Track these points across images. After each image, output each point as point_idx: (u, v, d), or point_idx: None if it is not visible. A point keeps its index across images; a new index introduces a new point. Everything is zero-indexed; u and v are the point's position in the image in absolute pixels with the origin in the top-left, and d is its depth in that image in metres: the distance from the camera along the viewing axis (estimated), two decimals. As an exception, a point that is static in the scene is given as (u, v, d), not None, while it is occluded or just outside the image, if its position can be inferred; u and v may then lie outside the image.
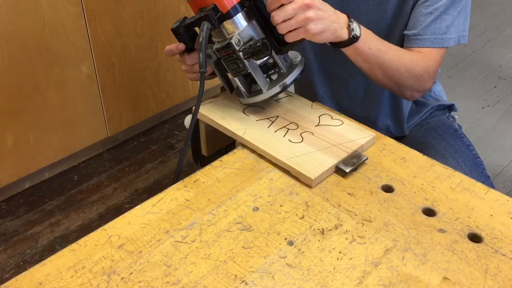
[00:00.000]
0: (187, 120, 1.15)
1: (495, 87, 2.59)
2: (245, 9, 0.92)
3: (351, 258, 0.74)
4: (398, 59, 1.00)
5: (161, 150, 2.17)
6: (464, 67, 2.72)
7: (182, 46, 0.99)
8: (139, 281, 0.71)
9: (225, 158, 0.93)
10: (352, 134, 0.95)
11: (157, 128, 2.29)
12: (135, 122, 2.16)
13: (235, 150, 0.95)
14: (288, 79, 0.97)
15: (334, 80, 1.22)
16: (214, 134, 1.02)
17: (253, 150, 0.94)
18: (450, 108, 1.28)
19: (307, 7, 0.85)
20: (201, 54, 0.89)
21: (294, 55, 1.03)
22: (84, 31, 1.81)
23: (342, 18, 0.92)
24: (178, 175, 0.90)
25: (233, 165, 0.91)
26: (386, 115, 1.23)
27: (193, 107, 1.04)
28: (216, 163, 0.92)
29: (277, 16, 0.86)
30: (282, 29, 0.88)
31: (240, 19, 0.92)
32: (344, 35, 0.92)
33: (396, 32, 1.10)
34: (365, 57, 0.97)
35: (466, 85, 2.60)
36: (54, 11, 1.71)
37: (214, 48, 0.94)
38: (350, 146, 0.92)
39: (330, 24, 0.89)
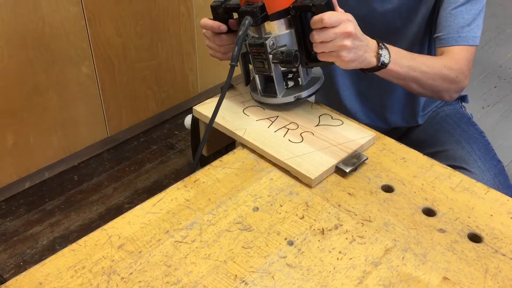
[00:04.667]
0: (187, 120, 1.15)
1: (495, 87, 2.59)
2: (288, 16, 0.93)
3: (351, 258, 0.74)
4: (431, 69, 1.01)
5: (161, 150, 2.17)
6: (464, 67, 2.72)
7: (224, 27, 1.00)
8: (139, 281, 0.71)
9: (225, 158, 0.93)
10: (352, 134, 0.95)
11: (157, 128, 2.29)
12: (135, 122, 2.16)
13: (235, 150, 0.95)
14: (304, 93, 0.99)
15: (354, 70, 1.23)
16: (214, 134, 1.02)
17: (253, 150, 0.94)
18: (463, 99, 1.33)
19: (348, 35, 0.86)
20: (236, 47, 0.90)
21: (316, 69, 1.05)
22: (84, 31, 1.81)
23: (373, 45, 0.93)
24: (196, 166, 0.91)
25: (233, 165, 0.91)
26: (401, 104, 1.25)
27: (193, 107, 1.04)
28: (216, 163, 0.92)
29: (317, 36, 0.87)
30: (317, 48, 0.89)
31: (281, 24, 0.93)
32: (373, 63, 0.93)
33: (418, 18, 1.11)
34: (398, 76, 0.98)
35: (466, 85, 2.60)
36: (54, 11, 1.71)
37: (247, 41, 0.95)
38: (350, 146, 0.92)
39: (362, 54, 0.90)
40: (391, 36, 0.96)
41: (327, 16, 0.85)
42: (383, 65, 0.94)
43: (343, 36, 0.86)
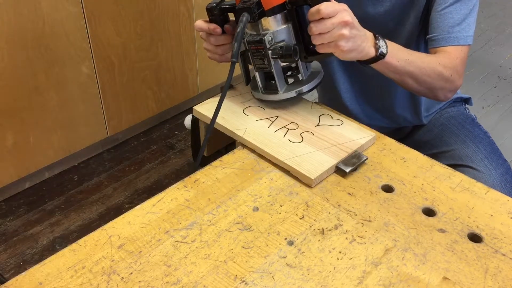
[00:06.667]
0: (187, 120, 1.16)
1: (495, 87, 2.59)
2: (285, 11, 0.93)
3: (351, 258, 0.74)
4: (427, 65, 1.01)
5: (161, 150, 2.17)
6: (464, 67, 2.72)
7: (219, 30, 1.00)
8: (139, 281, 0.71)
9: (225, 158, 0.93)
10: (352, 134, 0.95)
11: (157, 128, 2.29)
12: (135, 122, 2.16)
13: (235, 150, 0.95)
14: (305, 88, 0.99)
15: (354, 71, 1.23)
16: (214, 134, 1.02)
17: (253, 150, 0.94)
18: (466, 101, 1.33)
19: (345, 24, 0.87)
20: (235, 44, 0.90)
21: (315, 64, 1.05)
22: (84, 31, 1.81)
23: (370, 36, 0.94)
24: (199, 160, 0.92)
25: (233, 165, 0.91)
26: (403, 104, 1.26)
27: (193, 107, 1.04)
28: (216, 163, 0.92)
29: (315, 28, 0.88)
30: (315, 40, 0.89)
31: (278, 20, 0.93)
32: (371, 54, 0.93)
33: (410, 20, 1.11)
34: (394, 69, 0.99)
35: (466, 85, 2.60)
36: (54, 11, 1.71)
37: (245, 39, 0.96)
38: (350, 146, 0.92)
39: (360, 44, 0.90)
40: (385, 38, 0.97)
41: (324, 7, 0.86)
42: (381, 56, 0.94)
43: (340, 26, 0.86)
